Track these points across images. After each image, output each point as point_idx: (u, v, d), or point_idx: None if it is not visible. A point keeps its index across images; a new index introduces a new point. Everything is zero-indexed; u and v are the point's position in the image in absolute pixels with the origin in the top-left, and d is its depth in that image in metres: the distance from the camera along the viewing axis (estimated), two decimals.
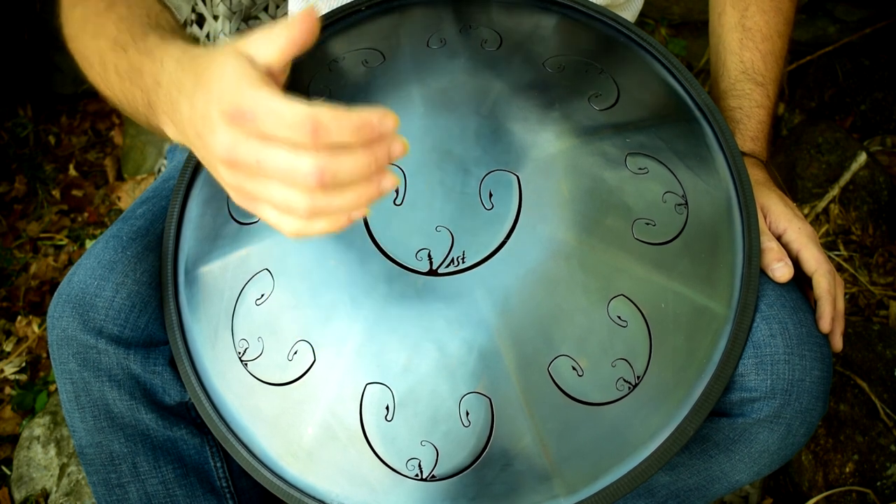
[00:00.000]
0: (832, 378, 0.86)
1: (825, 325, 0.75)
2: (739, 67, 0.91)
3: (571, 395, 0.67)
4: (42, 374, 1.63)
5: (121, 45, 0.67)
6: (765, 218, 0.80)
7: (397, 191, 0.72)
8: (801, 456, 1.19)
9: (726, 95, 0.90)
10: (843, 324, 0.78)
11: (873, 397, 1.19)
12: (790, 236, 0.79)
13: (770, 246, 0.76)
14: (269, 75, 0.54)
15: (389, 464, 0.69)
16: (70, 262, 1.84)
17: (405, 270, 0.70)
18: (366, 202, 0.54)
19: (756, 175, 0.83)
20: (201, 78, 0.55)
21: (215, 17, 1.11)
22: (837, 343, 0.77)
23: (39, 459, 1.39)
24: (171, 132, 0.63)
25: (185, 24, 0.97)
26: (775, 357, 0.71)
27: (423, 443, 0.68)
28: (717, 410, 0.74)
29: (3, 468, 1.46)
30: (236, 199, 0.57)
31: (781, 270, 0.75)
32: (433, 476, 0.68)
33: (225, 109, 0.51)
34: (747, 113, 0.88)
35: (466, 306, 0.68)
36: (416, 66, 0.79)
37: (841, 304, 0.78)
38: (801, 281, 0.79)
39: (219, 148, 0.52)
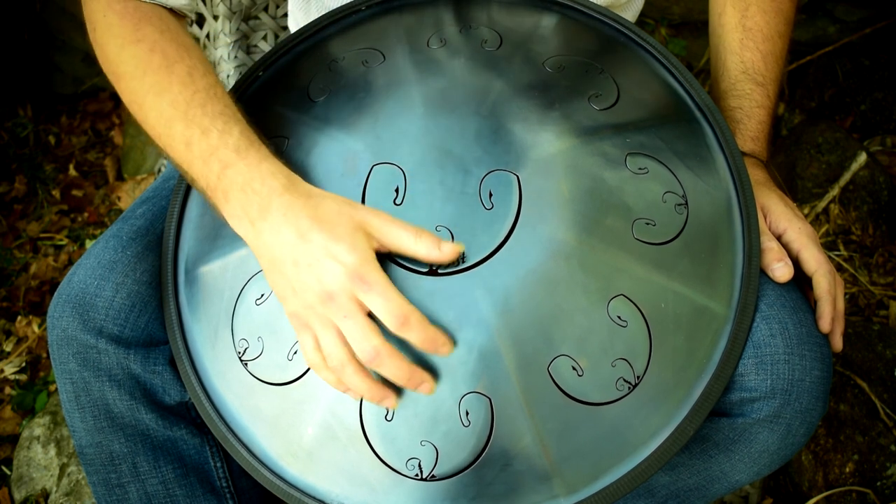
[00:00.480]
0: (832, 378, 0.86)
1: (825, 325, 0.75)
2: (740, 67, 0.90)
3: (571, 395, 0.67)
4: (42, 374, 1.63)
5: (199, 126, 0.71)
6: (765, 218, 0.80)
7: (397, 190, 0.72)
8: (801, 456, 1.19)
9: (726, 95, 0.90)
10: (843, 324, 0.78)
11: (873, 397, 1.19)
12: (790, 236, 0.79)
13: (770, 246, 0.76)
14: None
15: (389, 464, 0.69)
16: (70, 262, 1.84)
17: (405, 270, 0.70)
18: (366, 398, 0.68)
19: (756, 175, 0.83)
20: (320, 223, 0.66)
21: (215, 17, 1.11)
22: (837, 343, 0.77)
23: (39, 459, 1.39)
24: (241, 228, 0.70)
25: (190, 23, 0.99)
26: (775, 357, 0.71)
27: (423, 443, 0.68)
28: (717, 410, 0.74)
29: (3, 468, 1.46)
30: (293, 319, 0.68)
31: (781, 270, 0.75)
32: (433, 476, 0.68)
33: (352, 271, 0.64)
34: (747, 113, 0.88)
35: (466, 306, 0.68)
36: (416, 66, 0.79)
37: (841, 305, 0.78)
38: (801, 281, 0.79)
39: (320, 286, 0.65)
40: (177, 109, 0.72)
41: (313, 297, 0.65)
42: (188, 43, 0.78)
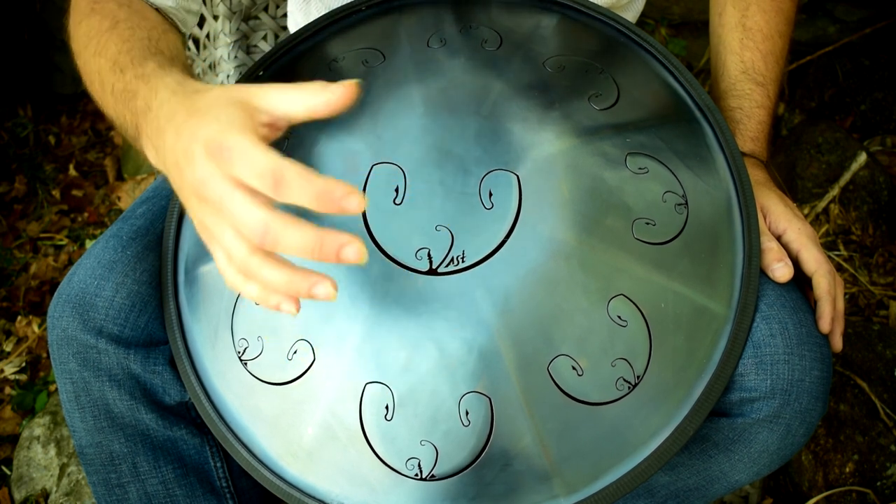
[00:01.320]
0: (832, 378, 0.86)
1: (825, 325, 0.75)
2: (740, 67, 0.90)
3: (571, 394, 0.67)
4: (42, 374, 1.63)
5: (119, 67, 0.68)
6: (765, 218, 0.80)
7: (397, 189, 0.72)
8: (801, 456, 1.19)
9: (726, 95, 0.90)
10: (842, 324, 0.78)
11: (873, 397, 1.19)
12: (790, 236, 0.79)
13: (770, 246, 0.76)
14: (268, 126, 0.56)
15: (389, 463, 0.69)
16: (70, 262, 1.84)
17: (405, 270, 0.70)
18: (294, 293, 0.54)
19: (756, 175, 0.83)
20: (194, 114, 0.56)
21: (215, 17, 1.11)
22: (837, 343, 0.77)
23: (39, 459, 1.39)
24: (152, 157, 0.64)
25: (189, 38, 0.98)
26: (775, 357, 0.71)
27: (423, 442, 0.68)
28: (717, 410, 0.74)
29: (3, 468, 1.46)
30: (199, 232, 0.58)
31: (781, 270, 0.75)
32: (433, 476, 0.68)
33: (207, 144, 0.53)
34: (747, 113, 0.88)
35: (466, 306, 0.68)
36: (416, 66, 0.79)
37: (841, 305, 0.78)
38: (801, 281, 0.79)
39: (192, 178, 0.54)
40: (108, 61, 0.69)
41: (195, 202, 0.56)
42: (146, 12, 0.76)
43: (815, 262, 0.78)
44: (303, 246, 0.51)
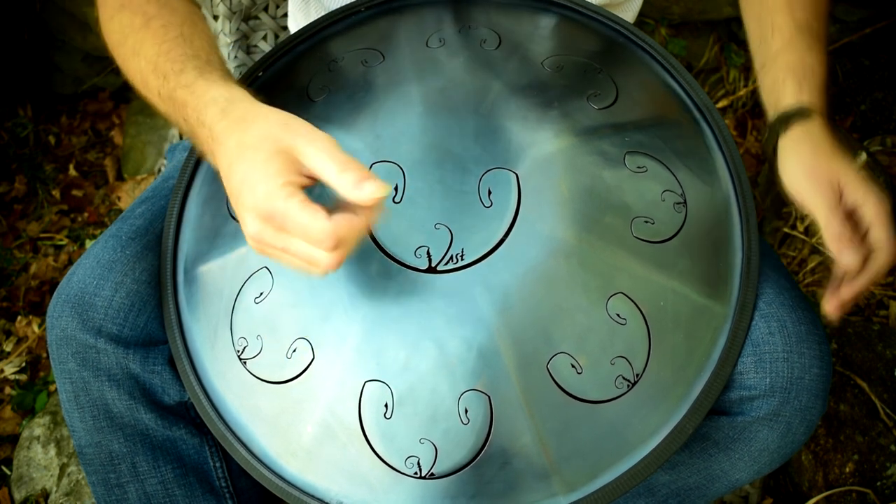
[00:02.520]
0: (832, 377, 0.86)
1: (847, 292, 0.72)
2: (793, 25, 0.85)
3: (571, 393, 0.67)
4: (42, 374, 1.63)
5: (162, 73, 0.71)
6: (839, 188, 0.73)
7: (396, 188, 0.72)
8: (801, 456, 1.19)
9: (784, 52, 0.83)
10: (855, 294, 0.73)
11: (873, 397, 1.19)
12: (869, 211, 0.73)
13: (838, 230, 0.72)
14: (307, 177, 0.62)
15: (388, 462, 0.69)
16: (70, 262, 1.84)
17: (404, 268, 0.70)
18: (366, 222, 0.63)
19: (828, 136, 0.77)
20: (243, 154, 0.62)
21: (215, 17, 1.11)
22: (835, 306, 0.74)
23: (39, 459, 1.39)
24: (212, 163, 0.69)
25: None
26: (774, 355, 0.71)
27: (423, 441, 0.68)
28: (717, 409, 0.74)
29: (3, 468, 1.46)
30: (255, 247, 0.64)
31: (850, 257, 0.72)
32: (432, 474, 0.68)
33: (258, 213, 0.60)
34: (811, 68, 0.82)
35: (465, 304, 0.68)
36: (415, 66, 0.79)
37: (875, 278, 0.73)
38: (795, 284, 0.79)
39: (249, 230, 0.61)
40: (149, 64, 0.72)
41: (246, 234, 0.63)
42: (174, 4, 0.77)
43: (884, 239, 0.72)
44: (361, 232, 0.61)
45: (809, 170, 0.75)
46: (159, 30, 0.74)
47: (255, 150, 0.62)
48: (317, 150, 0.61)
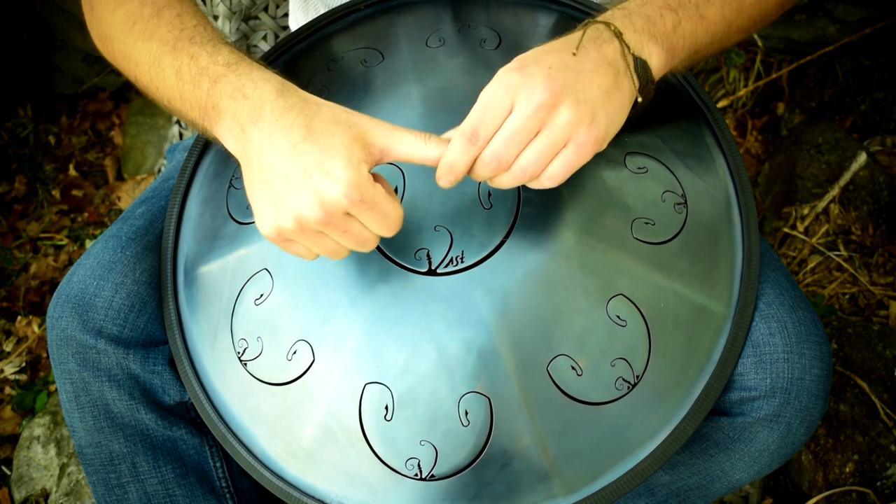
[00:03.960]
0: (832, 378, 0.86)
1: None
2: None
3: (571, 394, 0.67)
4: (42, 374, 1.63)
5: (188, 53, 0.69)
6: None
7: (396, 190, 0.72)
8: (801, 456, 1.19)
9: None
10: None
11: (873, 397, 1.19)
12: None
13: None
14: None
15: (389, 463, 0.69)
16: (70, 262, 1.84)
17: (404, 270, 0.70)
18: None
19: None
20: (313, 136, 0.62)
21: (215, 17, 1.11)
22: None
23: (39, 459, 1.39)
24: (230, 141, 0.67)
25: None
26: (774, 356, 0.71)
27: (423, 442, 0.68)
28: (717, 410, 0.74)
29: (3, 468, 1.46)
30: (277, 238, 0.65)
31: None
32: (432, 476, 0.68)
33: (348, 193, 0.61)
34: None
35: (465, 306, 0.68)
36: (414, 66, 0.79)
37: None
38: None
39: (326, 200, 0.61)
40: (165, 45, 0.71)
41: (305, 217, 0.62)
42: None
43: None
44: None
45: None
46: (174, 18, 0.73)
47: (330, 134, 0.62)
48: (391, 129, 0.64)
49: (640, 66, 0.67)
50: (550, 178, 0.64)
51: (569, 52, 0.64)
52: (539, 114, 0.61)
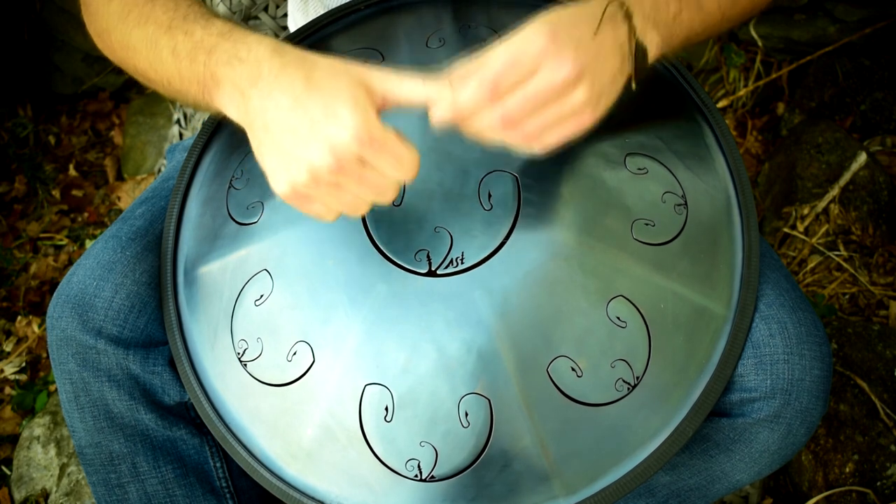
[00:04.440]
0: (832, 378, 0.86)
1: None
2: None
3: (571, 395, 0.67)
4: (42, 374, 1.63)
5: (182, 30, 0.69)
6: None
7: None
8: (801, 456, 1.19)
9: None
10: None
11: (873, 397, 1.19)
12: None
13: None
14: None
15: (389, 464, 0.69)
16: (70, 262, 1.84)
17: (404, 271, 0.70)
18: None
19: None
20: (315, 86, 0.62)
21: None
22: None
23: (39, 459, 1.39)
24: (233, 109, 0.66)
25: None
26: (775, 357, 0.71)
27: (423, 443, 0.68)
28: (718, 410, 0.74)
29: (3, 468, 1.46)
30: (295, 198, 0.64)
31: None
32: (432, 477, 0.68)
33: (359, 134, 0.60)
34: None
35: (465, 307, 0.68)
36: (415, 66, 0.79)
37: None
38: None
39: (337, 147, 0.61)
40: (160, 27, 0.71)
41: (318, 167, 0.62)
42: None
43: None
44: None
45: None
46: (168, 2, 0.72)
47: (332, 80, 0.62)
48: (390, 73, 0.63)
49: (640, 53, 0.67)
50: (542, 145, 0.65)
51: (591, 30, 0.64)
52: (562, 87, 0.62)
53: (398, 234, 0.71)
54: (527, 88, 0.62)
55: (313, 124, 0.61)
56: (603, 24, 0.65)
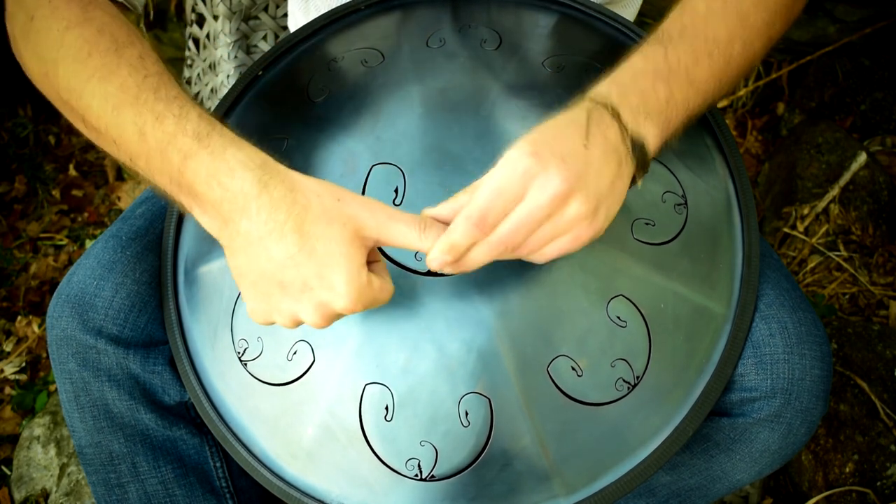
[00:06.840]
0: (832, 378, 0.86)
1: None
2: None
3: (571, 395, 0.67)
4: (42, 374, 1.63)
5: (152, 111, 0.63)
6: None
7: (397, 190, 0.72)
8: (801, 456, 1.19)
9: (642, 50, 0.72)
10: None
11: (873, 397, 1.19)
12: None
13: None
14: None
15: (389, 464, 0.69)
16: (70, 262, 1.84)
17: (404, 270, 0.70)
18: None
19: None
20: (307, 242, 0.59)
21: (215, 17, 1.11)
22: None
23: (39, 459, 1.39)
24: (213, 228, 0.63)
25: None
26: (775, 357, 0.71)
27: (423, 443, 0.68)
28: (718, 410, 0.74)
29: (3, 468, 1.46)
30: (261, 321, 0.64)
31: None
32: (433, 476, 0.68)
33: (354, 307, 0.60)
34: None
35: (466, 306, 0.68)
36: (415, 66, 0.79)
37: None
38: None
39: (326, 313, 0.61)
40: (126, 93, 0.63)
41: (302, 321, 0.62)
42: (137, 32, 0.70)
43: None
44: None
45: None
46: (136, 60, 0.65)
47: (326, 240, 0.59)
48: (385, 219, 0.61)
49: (638, 149, 0.65)
50: (540, 257, 0.63)
51: (580, 139, 0.62)
52: (551, 205, 0.60)
53: None
54: (517, 214, 0.60)
55: (306, 288, 0.60)
56: (590, 130, 0.63)
